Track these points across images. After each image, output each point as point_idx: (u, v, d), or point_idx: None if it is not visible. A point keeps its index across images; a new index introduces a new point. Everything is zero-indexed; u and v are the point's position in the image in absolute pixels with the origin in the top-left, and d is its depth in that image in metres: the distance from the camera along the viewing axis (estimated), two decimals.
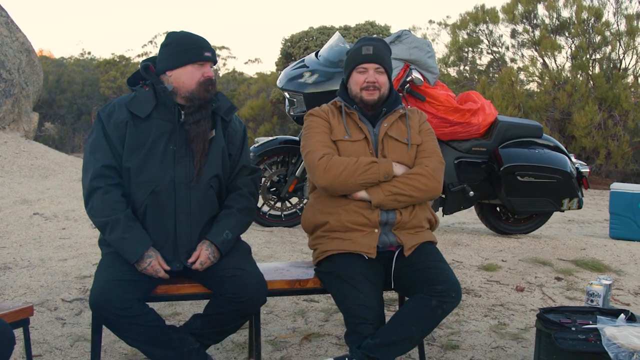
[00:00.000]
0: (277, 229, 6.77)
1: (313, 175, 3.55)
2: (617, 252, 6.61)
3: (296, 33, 21.37)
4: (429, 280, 3.31)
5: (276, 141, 6.81)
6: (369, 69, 3.63)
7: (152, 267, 3.25)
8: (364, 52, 3.64)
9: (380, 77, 3.64)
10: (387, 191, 3.47)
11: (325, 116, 3.68)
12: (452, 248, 6.35)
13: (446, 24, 21.64)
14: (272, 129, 21.18)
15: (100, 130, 3.36)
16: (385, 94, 3.69)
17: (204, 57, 3.39)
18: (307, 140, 3.63)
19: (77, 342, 4.01)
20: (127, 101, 3.40)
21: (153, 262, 3.25)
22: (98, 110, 3.45)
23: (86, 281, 4.87)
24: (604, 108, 15.52)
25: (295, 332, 4.34)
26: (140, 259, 3.24)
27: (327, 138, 3.60)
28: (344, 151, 3.57)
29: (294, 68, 6.81)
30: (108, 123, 3.36)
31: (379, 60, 3.64)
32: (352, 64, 3.68)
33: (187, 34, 3.46)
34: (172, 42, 3.44)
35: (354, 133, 3.61)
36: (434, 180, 3.56)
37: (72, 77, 29.01)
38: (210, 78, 3.41)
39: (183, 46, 3.41)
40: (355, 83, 3.66)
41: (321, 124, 3.65)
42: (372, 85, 3.61)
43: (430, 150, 3.67)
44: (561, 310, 3.61)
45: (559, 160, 6.78)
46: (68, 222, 6.67)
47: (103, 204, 3.27)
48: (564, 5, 17.37)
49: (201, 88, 3.37)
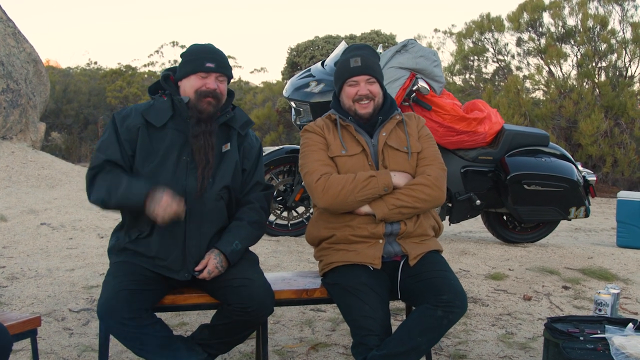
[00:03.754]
0: (284, 239, 6.77)
1: (312, 196, 3.53)
2: (624, 261, 6.59)
3: (302, 42, 21.38)
4: (435, 290, 3.28)
5: (282, 150, 6.81)
6: (359, 82, 3.58)
7: (165, 202, 3.17)
8: (352, 65, 3.58)
9: (373, 87, 3.59)
10: (390, 205, 3.44)
11: (321, 131, 3.63)
12: (458, 257, 6.34)
13: (451, 33, 21.65)
14: (277, 138, 21.19)
15: (113, 132, 3.37)
16: (380, 102, 3.64)
17: (204, 67, 3.38)
18: (304, 159, 3.60)
19: (85, 353, 4.01)
20: (143, 109, 3.42)
21: (164, 197, 3.18)
22: (113, 114, 3.46)
23: (93, 291, 4.88)
24: (610, 116, 15.49)
25: (302, 342, 4.34)
26: (150, 195, 3.19)
27: (324, 155, 3.56)
28: (342, 166, 3.53)
29: (300, 77, 6.81)
30: (121, 125, 3.37)
31: (369, 71, 3.59)
32: (342, 77, 3.63)
33: (201, 46, 3.48)
34: (186, 52, 3.48)
35: (351, 147, 3.57)
36: (437, 189, 3.53)
37: (79, 87, 29.03)
38: (211, 90, 3.39)
39: (189, 56, 3.44)
40: (348, 96, 3.62)
41: (317, 141, 3.60)
42: (365, 96, 3.57)
43: (431, 157, 3.63)
44: (569, 319, 3.60)
45: (566, 169, 6.77)
46: (75, 232, 6.68)
47: (104, 180, 3.28)
48: (569, 14, 17.37)
49: (199, 98, 3.37)
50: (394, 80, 6.30)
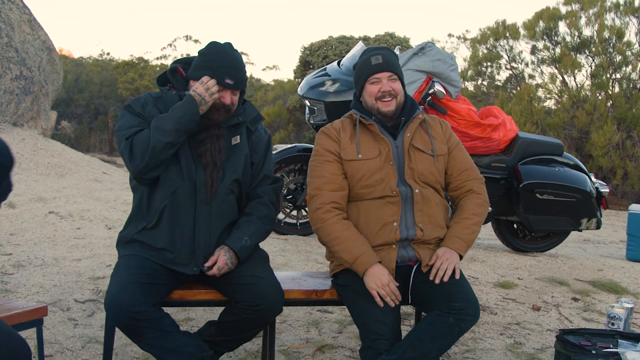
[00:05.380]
0: (292, 238, 6.73)
1: (310, 217, 3.50)
2: (634, 275, 6.54)
3: (315, 41, 21.33)
4: (447, 297, 3.24)
5: (294, 149, 6.77)
6: (382, 79, 3.54)
7: (205, 84, 3.29)
8: (373, 63, 3.55)
9: (395, 85, 3.55)
10: (470, 242, 3.48)
11: (336, 135, 3.56)
12: (467, 264, 6.29)
13: (465, 38, 21.63)
14: (287, 137, 21.16)
15: (132, 115, 3.34)
16: (402, 102, 3.60)
17: (223, 82, 3.33)
18: (313, 170, 3.54)
19: (89, 344, 3.98)
20: (155, 97, 3.40)
21: (203, 81, 3.29)
22: (129, 102, 3.40)
23: (99, 282, 4.84)
24: (623, 128, 15.42)
25: (309, 343, 4.29)
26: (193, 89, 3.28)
27: (333, 169, 3.49)
28: (356, 171, 3.47)
29: (315, 76, 6.77)
30: (143, 111, 3.33)
31: (391, 68, 3.55)
32: (364, 76, 3.58)
33: (223, 51, 3.39)
34: (205, 53, 3.40)
35: (368, 151, 3.50)
36: (488, 204, 3.63)
37: (91, 77, 29.10)
38: (225, 105, 3.37)
39: (209, 62, 3.35)
40: (370, 95, 3.56)
41: (329, 149, 3.53)
42: (388, 93, 3.52)
43: (472, 169, 3.66)
44: (581, 332, 3.55)
45: (579, 179, 6.72)
46: (83, 221, 6.65)
47: (143, 135, 3.22)
48: (585, 24, 17.32)
49: (211, 109, 3.33)
50: (411, 82, 6.25)
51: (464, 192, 3.59)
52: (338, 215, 3.42)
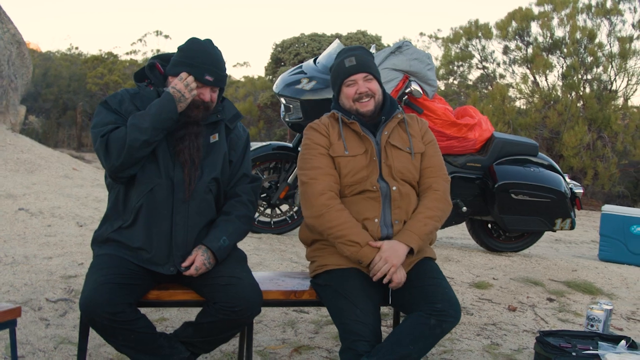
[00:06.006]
0: (266, 236, 6.67)
1: (305, 206, 3.46)
2: (608, 275, 6.57)
3: (287, 38, 21.32)
4: (428, 298, 3.23)
5: (269, 147, 6.71)
6: (357, 80, 3.53)
7: (184, 80, 3.23)
8: (347, 65, 3.53)
9: (371, 85, 3.54)
10: (422, 234, 3.40)
11: (325, 130, 3.55)
12: (442, 263, 6.27)
13: (437, 37, 21.70)
14: (257, 134, 21.10)
15: (109, 111, 3.26)
16: (380, 100, 3.58)
17: (203, 79, 3.28)
18: (305, 163, 3.51)
19: (62, 345, 3.90)
20: (132, 94, 3.33)
21: (182, 77, 3.24)
22: (105, 99, 3.33)
23: (71, 281, 4.75)
24: (594, 129, 15.55)
25: (285, 344, 4.24)
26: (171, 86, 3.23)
27: (326, 161, 3.48)
28: (344, 167, 3.46)
29: (291, 74, 6.71)
30: (120, 108, 3.27)
31: (366, 69, 3.54)
32: (339, 79, 3.57)
33: (203, 47, 3.34)
34: (185, 49, 3.34)
35: (353, 147, 3.50)
36: (447, 202, 3.56)
37: (59, 72, 28.75)
38: (205, 102, 3.32)
39: (189, 59, 3.30)
40: (347, 97, 3.55)
41: (320, 143, 3.51)
42: (365, 94, 3.51)
43: (437, 167, 3.61)
44: (560, 333, 3.55)
45: (554, 180, 6.74)
46: (54, 219, 6.53)
47: (119, 133, 3.14)
48: (558, 25, 17.45)
49: (189, 106, 3.27)
50: (388, 81, 6.22)
51: (425, 188, 3.57)
52: (340, 203, 3.42)
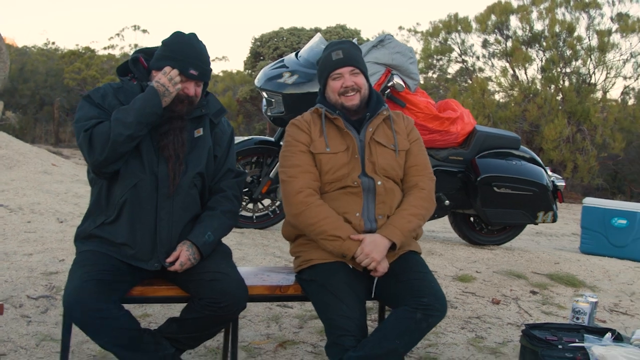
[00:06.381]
0: (248, 231, 6.63)
1: (285, 204, 3.46)
2: (590, 268, 6.59)
3: (266, 33, 21.25)
4: (414, 292, 3.21)
5: (251, 141, 6.67)
6: (343, 74, 3.51)
7: (167, 74, 3.19)
8: (334, 58, 3.52)
9: (357, 79, 3.52)
10: (405, 231, 3.38)
11: (307, 127, 3.53)
12: (425, 257, 6.20)
13: (416, 31, 21.71)
14: (237, 128, 21.03)
15: (92, 106, 3.21)
16: (366, 95, 3.57)
17: (187, 73, 3.25)
18: (285, 160, 3.50)
19: (43, 342, 3.86)
20: (115, 88, 3.28)
21: (166, 71, 3.20)
22: (88, 93, 3.28)
23: (53, 278, 4.70)
24: (573, 122, 15.63)
25: (270, 339, 4.22)
26: (155, 86, 3.18)
27: (306, 159, 3.46)
28: (325, 164, 3.44)
29: (273, 67, 6.67)
30: (103, 102, 3.22)
31: (352, 62, 3.53)
32: (326, 72, 3.56)
33: (188, 41, 3.30)
34: (169, 43, 3.31)
35: (335, 144, 3.48)
36: (432, 201, 3.56)
37: (36, 67, 28.53)
38: (189, 96, 3.28)
39: (173, 53, 3.26)
40: (333, 90, 3.54)
41: (300, 140, 3.49)
42: (351, 88, 3.49)
43: (422, 166, 3.60)
44: (546, 326, 3.54)
45: (536, 173, 6.74)
46: (34, 215, 6.47)
47: (103, 127, 3.09)
48: (537, 18, 17.51)
49: (174, 101, 3.23)
50: (370, 75, 6.15)
51: (410, 186, 3.55)
52: (320, 199, 3.40)
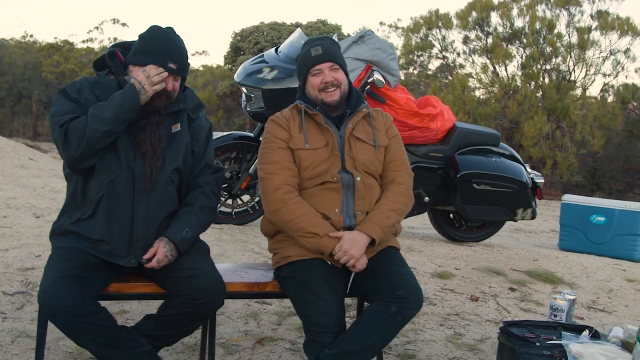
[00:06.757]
0: (227, 227, 6.60)
1: (263, 201, 3.44)
2: (568, 265, 6.62)
3: (247, 27, 21.19)
4: (389, 286, 3.21)
5: (230, 137, 6.65)
6: (323, 69, 3.50)
7: (146, 72, 3.14)
8: (313, 54, 3.51)
9: (337, 74, 3.51)
10: (384, 226, 3.37)
11: (286, 123, 3.51)
12: (404, 253, 6.22)
13: (397, 27, 21.74)
14: (217, 123, 20.96)
15: (68, 100, 3.16)
16: (346, 90, 3.56)
17: (166, 67, 3.20)
18: (264, 157, 3.48)
19: (19, 338, 3.81)
20: (91, 82, 3.24)
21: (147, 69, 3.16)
22: (64, 87, 3.24)
23: (28, 273, 4.66)
24: (553, 119, 15.70)
25: (248, 335, 4.20)
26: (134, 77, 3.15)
27: (285, 156, 3.44)
28: (304, 160, 3.42)
29: (252, 63, 6.64)
30: (79, 96, 3.17)
31: (332, 58, 3.52)
32: (305, 68, 3.55)
33: (165, 35, 3.27)
34: (146, 37, 3.27)
35: (315, 140, 3.47)
36: (410, 197, 3.55)
37: (14, 60, 28.33)
38: (167, 91, 3.24)
39: (150, 47, 3.23)
40: (313, 87, 3.52)
41: (279, 137, 3.47)
42: (331, 84, 3.48)
43: (400, 162, 3.59)
44: (524, 324, 3.54)
45: (516, 170, 6.76)
46: (9, 210, 6.40)
47: (80, 122, 3.04)
48: (517, 15, 17.56)
49: (152, 96, 3.19)
50: (350, 71, 6.17)
51: (388, 181, 3.55)
52: (298, 195, 3.38)
